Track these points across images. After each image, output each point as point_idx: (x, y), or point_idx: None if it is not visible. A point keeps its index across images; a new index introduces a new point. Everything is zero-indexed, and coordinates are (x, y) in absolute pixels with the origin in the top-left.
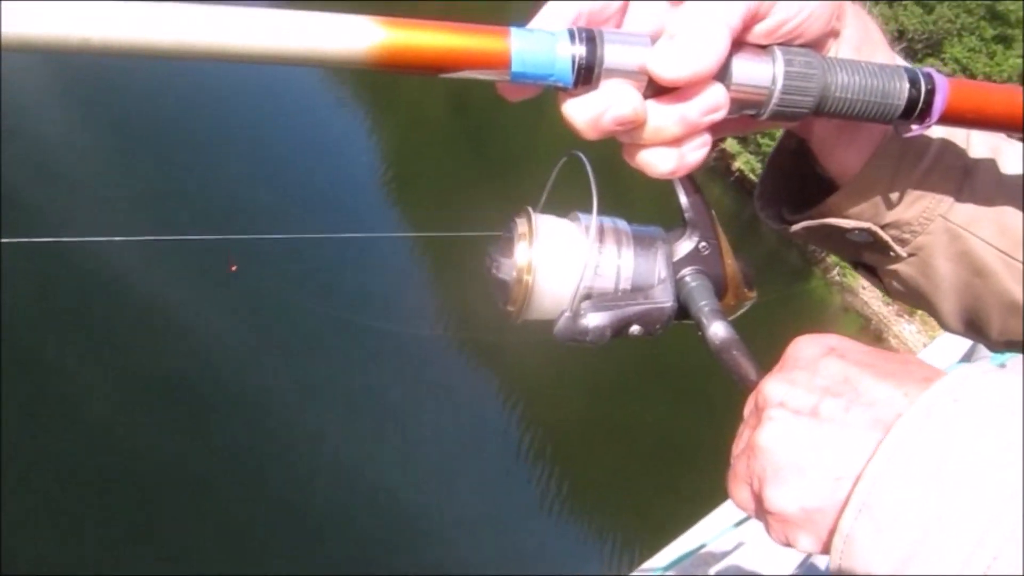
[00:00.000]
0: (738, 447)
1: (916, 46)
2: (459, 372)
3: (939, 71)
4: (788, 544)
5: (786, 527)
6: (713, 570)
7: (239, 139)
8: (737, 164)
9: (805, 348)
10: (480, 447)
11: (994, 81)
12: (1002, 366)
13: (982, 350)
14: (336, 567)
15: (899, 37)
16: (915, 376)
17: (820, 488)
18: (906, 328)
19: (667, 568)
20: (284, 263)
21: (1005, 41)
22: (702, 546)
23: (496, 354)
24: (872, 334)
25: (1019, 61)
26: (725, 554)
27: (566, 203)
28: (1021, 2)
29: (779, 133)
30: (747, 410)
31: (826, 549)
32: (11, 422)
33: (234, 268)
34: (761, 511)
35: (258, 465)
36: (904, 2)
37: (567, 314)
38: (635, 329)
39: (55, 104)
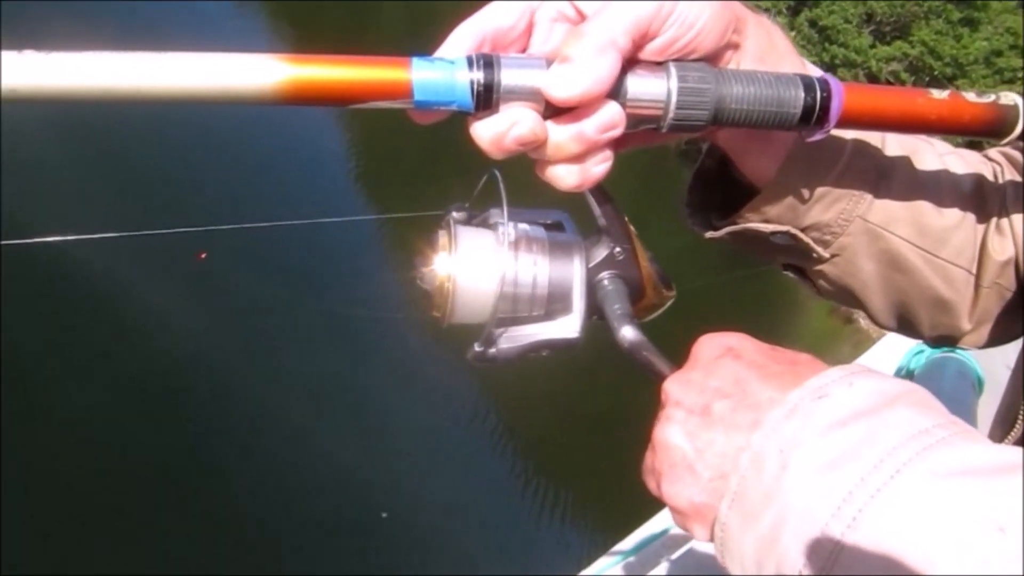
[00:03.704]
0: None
1: (884, 29)
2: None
3: (837, 78)
4: (688, 532)
5: (683, 519)
6: (677, 553)
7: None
8: None
9: (705, 348)
10: (452, 431)
11: (960, 63)
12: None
13: None
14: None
15: (867, 21)
16: (800, 377)
17: (706, 485)
18: None
19: (633, 551)
20: (255, 253)
21: (971, 24)
22: (667, 530)
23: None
24: (842, 315)
25: (985, 44)
26: (689, 538)
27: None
28: None
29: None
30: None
31: (713, 538)
32: None
33: (203, 256)
34: (663, 502)
35: (237, 458)
36: None
37: (477, 347)
38: (545, 353)
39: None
